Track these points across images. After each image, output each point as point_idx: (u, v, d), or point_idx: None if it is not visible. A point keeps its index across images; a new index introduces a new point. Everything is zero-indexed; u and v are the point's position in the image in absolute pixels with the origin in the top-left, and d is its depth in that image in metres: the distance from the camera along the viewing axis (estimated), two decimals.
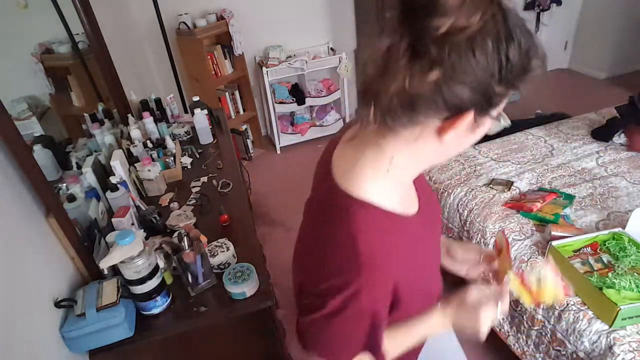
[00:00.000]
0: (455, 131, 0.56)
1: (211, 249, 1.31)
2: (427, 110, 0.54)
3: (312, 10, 3.63)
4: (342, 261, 0.63)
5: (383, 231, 0.64)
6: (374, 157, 0.64)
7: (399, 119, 0.55)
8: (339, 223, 0.63)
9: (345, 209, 0.63)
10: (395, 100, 0.53)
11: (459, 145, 0.63)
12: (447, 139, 0.57)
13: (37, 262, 1.07)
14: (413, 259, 0.68)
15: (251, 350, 1.30)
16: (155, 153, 1.87)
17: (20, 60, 1.58)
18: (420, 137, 0.59)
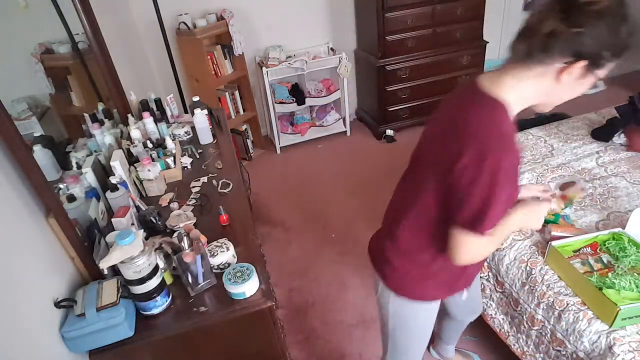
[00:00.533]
0: (570, 74, 0.82)
1: (211, 249, 1.31)
2: (559, 51, 0.80)
3: (312, 10, 3.63)
4: (487, 139, 0.85)
5: (511, 128, 0.88)
6: (510, 81, 0.89)
7: (538, 54, 0.82)
8: (486, 111, 0.88)
9: (492, 104, 0.88)
10: (542, 40, 0.80)
11: (569, 89, 0.88)
12: (563, 79, 0.83)
13: (37, 262, 1.07)
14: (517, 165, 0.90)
15: (251, 350, 1.30)
16: (155, 153, 1.87)
17: (20, 60, 1.58)
18: (544, 74, 0.85)
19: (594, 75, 0.84)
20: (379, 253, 1.20)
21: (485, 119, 0.87)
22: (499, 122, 0.87)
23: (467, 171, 0.85)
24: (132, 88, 2.30)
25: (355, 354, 1.98)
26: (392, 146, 3.72)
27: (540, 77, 0.86)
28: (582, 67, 0.82)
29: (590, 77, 0.84)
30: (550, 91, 0.88)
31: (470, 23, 3.50)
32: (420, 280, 1.13)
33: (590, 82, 0.86)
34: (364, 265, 2.44)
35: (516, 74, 0.88)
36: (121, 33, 2.82)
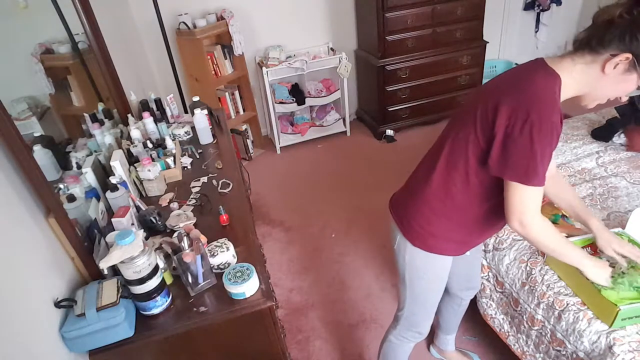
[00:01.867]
0: (614, 66, 0.88)
1: (211, 249, 1.31)
2: (610, 41, 0.86)
3: (312, 10, 3.63)
4: (541, 98, 0.93)
5: (559, 101, 0.96)
6: (567, 63, 0.97)
7: (594, 43, 0.90)
8: (546, 78, 0.96)
9: (553, 75, 0.96)
10: (600, 28, 0.88)
11: (612, 84, 0.92)
12: (607, 69, 0.89)
13: (37, 262, 1.07)
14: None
15: (251, 350, 1.30)
16: (155, 153, 1.87)
17: (20, 60, 1.58)
18: (594, 62, 0.92)
19: (638, 73, 0.87)
20: (400, 205, 1.28)
21: (543, 83, 0.95)
22: (553, 91, 0.94)
23: (518, 122, 0.92)
24: (132, 88, 2.30)
25: (355, 354, 1.98)
26: (392, 146, 3.72)
27: (590, 64, 0.93)
28: (627, 61, 0.85)
29: (634, 75, 0.87)
30: (595, 82, 0.94)
31: (470, 23, 3.50)
32: (438, 237, 1.20)
33: (635, 81, 0.88)
34: (364, 265, 2.44)
35: (574, 58, 0.96)
36: (121, 33, 2.82)
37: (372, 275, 2.37)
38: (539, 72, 0.98)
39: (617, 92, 0.95)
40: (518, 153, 0.94)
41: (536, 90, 0.95)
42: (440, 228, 1.19)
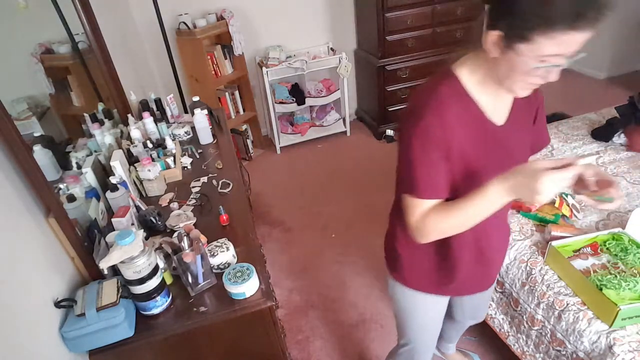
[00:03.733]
0: (489, 45, 0.78)
1: (211, 249, 1.31)
2: (486, 19, 0.79)
3: (312, 10, 3.63)
4: (417, 104, 0.88)
5: (455, 103, 0.87)
6: (470, 55, 0.89)
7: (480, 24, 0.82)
8: (428, 83, 0.91)
9: (440, 76, 0.90)
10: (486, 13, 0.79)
11: (504, 65, 0.79)
12: (488, 48, 0.79)
13: (37, 262, 1.07)
14: (478, 148, 0.90)
15: (251, 350, 1.30)
16: (155, 153, 1.87)
17: (20, 60, 1.58)
18: (482, 44, 0.81)
19: (516, 50, 0.74)
20: (385, 241, 1.25)
21: (423, 89, 0.90)
22: (434, 94, 0.86)
23: (398, 135, 0.92)
24: (132, 88, 2.30)
25: (355, 354, 1.98)
26: (392, 146, 3.72)
27: (480, 47, 0.82)
28: (499, 37, 0.75)
29: (517, 56, 0.74)
30: (490, 65, 0.83)
31: (470, 23, 3.49)
32: (409, 267, 1.15)
33: (526, 63, 0.74)
34: (364, 265, 2.44)
35: (476, 54, 0.88)
36: (121, 33, 2.82)
37: (372, 275, 2.37)
38: (434, 77, 0.91)
39: (513, 73, 0.79)
40: (400, 164, 0.92)
41: (415, 97, 0.90)
42: (410, 258, 1.13)
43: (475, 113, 0.90)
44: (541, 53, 0.72)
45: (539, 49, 0.71)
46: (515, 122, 0.95)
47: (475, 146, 0.90)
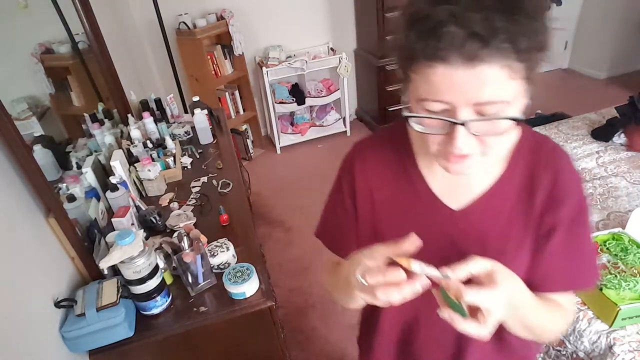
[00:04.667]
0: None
1: (211, 249, 1.31)
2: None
3: (312, 10, 3.63)
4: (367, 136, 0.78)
5: (388, 156, 0.72)
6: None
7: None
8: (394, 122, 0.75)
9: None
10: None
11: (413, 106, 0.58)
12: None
13: (37, 262, 1.07)
14: (402, 228, 0.67)
15: (251, 350, 1.30)
16: (155, 153, 1.87)
17: (20, 60, 1.58)
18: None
19: (409, 80, 0.57)
20: None
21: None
22: (377, 132, 0.78)
23: None
24: (132, 88, 2.30)
25: (355, 354, 1.97)
26: None
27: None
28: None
29: (408, 85, 0.57)
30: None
31: None
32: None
33: (413, 107, 0.58)
34: None
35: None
36: (121, 33, 2.82)
37: None
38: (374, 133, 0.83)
39: (421, 139, 0.60)
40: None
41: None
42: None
43: (412, 180, 0.70)
44: (418, 95, 0.54)
45: (413, 88, 0.55)
46: (491, 215, 0.67)
47: (400, 224, 0.71)
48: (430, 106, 0.53)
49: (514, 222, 0.67)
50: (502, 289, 0.55)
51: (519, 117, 0.53)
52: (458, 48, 0.48)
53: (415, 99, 0.55)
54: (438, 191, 0.69)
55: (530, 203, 0.66)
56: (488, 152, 0.56)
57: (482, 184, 0.68)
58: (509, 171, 0.67)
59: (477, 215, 0.68)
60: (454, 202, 0.69)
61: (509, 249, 0.67)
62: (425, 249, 0.64)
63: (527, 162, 0.67)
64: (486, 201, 0.68)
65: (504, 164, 0.67)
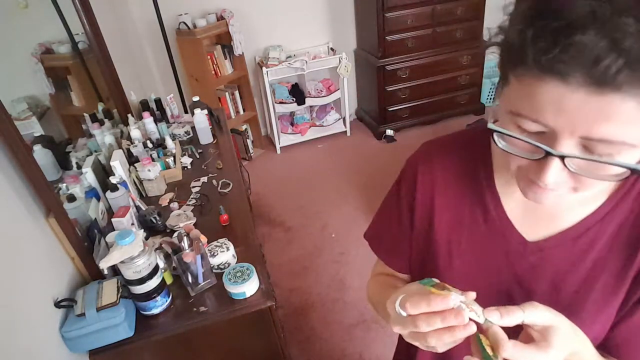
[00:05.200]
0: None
1: (211, 249, 1.31)
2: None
3: (312, 10, 3.63)
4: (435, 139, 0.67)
5: (460, 167, 0.62)
6: None
7: None
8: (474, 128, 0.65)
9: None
10: None
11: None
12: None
13: (37, 262, 1.07)
14: (465, 249, 0.61)
15: (251, 350, 1.30)
16: (155, 153, 1.87)
17: (20, 60, 1.58)
18: None
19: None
20: None
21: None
22: (451, 135, 0.68)
23: None
24: (132, 88, 2.30)
25: (355, 354, 1.97)
26: (392, 146, 3.72)
27: None
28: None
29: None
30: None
31: (470, 23, 3.50)
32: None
33: (502, 117, 0.47)
34: (364, 265, 2.44)
35: None
36: (121, 33, 2.82)
37: None
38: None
39: (506, 158, 0.50)
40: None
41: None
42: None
43: (484, 197, 0.60)
44: (512, 106, 0.43)
45: (509, 96, 0.44)
46: (574, 255, 0.56)
47: (458, 245, 0.62)
48: (524, 124, 0.42)
49: (603, 271, 0.54)
50: (555, 354, 0.44)
51: (638, 168, 0.39)
52: (588, 66, 0.35)
53: (508, 109, 0.44)
54: (513, 215, 0.58)
55: (630, 255, 0.53)
56: (580, 191, 0.45)
57: (572, 216, 0.55)
58: (610, 206, 0.53)
59: (556, 252, 0.56)
60: (530, 232, 0.57)
61: (588, 301, 0.54)
62: (483, 281, 0.58)
63: (638, 203, 0.53)
64: (571, 237, 0.55)
65: (605, 196, 0.54)
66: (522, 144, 0.44)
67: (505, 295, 0.52)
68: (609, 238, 0.54)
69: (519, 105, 0.42)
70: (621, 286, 0.53)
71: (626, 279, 0.53)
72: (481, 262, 0.57)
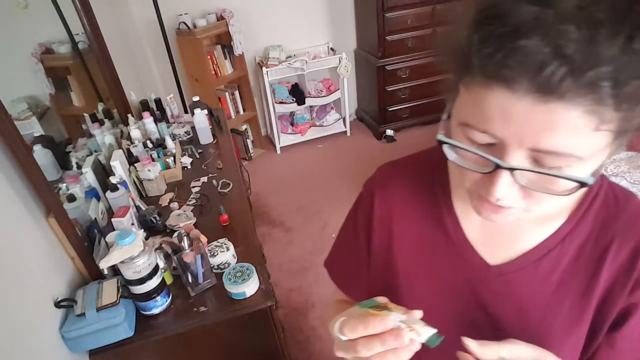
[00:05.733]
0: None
1: (211, 249, 1.31)
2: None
3: (312, 10, 3.63)
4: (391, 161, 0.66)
5: (416, 187, 0.60)
6: None
7: None
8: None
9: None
10: None
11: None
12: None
13: (37, 262, 1.07)
14: (424, 270, 0.59)
15: (251, 350, 1.30)
16: (155, 153, 1.87)
17: (20, 60, 1.58)
18: None
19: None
20: None
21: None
22: (407, 157, 0.66)
23: None
24: (132, 88, 2.30)
25: None
26: (392, 146, 3.72)
27: None
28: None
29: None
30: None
31: None
32: None
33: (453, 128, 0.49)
34: None
35: None
36: (121, 33, 2.82)
37: None
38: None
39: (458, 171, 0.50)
40: None
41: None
42: None
43: (443, 219, 0.58)
44: (461, 117, 0.43)
45: (459, 107, 0.44)
46: (536, 278, 0.54)
47: (417, 270, 0.59)
48: (474, 135, 0.41)
49: (568, 294, 0.52)
50: None
51: (587, 181, 0.38)
52: (533, 72, 0.34)
53: (457, 120, 0.43)
54: (473, 237, 0.56)
55: (593, 274, 0.51)
56: (533, 209, 0.44)
57: (531, 237, 0.53)
58: (570, 226, 0.52)
59: (518, 276, 0.54)
60: (491, 255, 0.55)
61: (555, 326, 0.52)
62: (447, 308, 0.55)
63: (598, 220, 0.52)
64: (533, 260, 0.53)
65: (565, 215, 0.53)
66: (473, 157, 0.42)
67: (471, 323, 0.49)
68: (571, 259, 0.52)
69: (468, 115, 0.41)
70: (587, 308, 0.52)
71: (591, 301, 0.51)
72: (444, 288, 0.55)
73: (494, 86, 0.37)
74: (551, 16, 0.33)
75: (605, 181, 0.54)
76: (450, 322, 0.46)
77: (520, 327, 0.47)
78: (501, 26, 0.35)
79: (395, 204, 0.61)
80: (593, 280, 0.51)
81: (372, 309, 0.47)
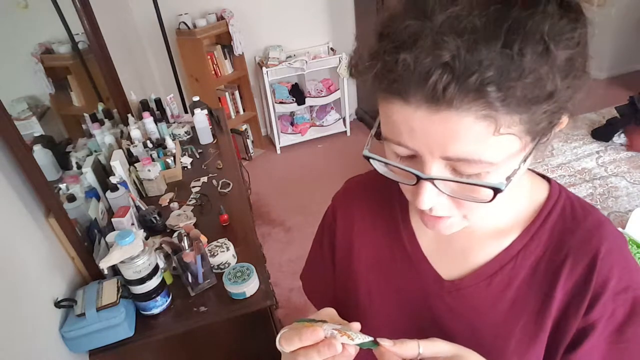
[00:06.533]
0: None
1: (211, 249, 1.31)
2: None
3: (312, 10, 3.63)
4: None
5: (367, 204, 0.62)
6: None
7: None
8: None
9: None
10: None
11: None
12: None
13: (37, 262, 1.07)
14: (382, 284, 0.59)
15: (251, 349, 1.30)
16: (155, 153, 1.87)
17: (20, 60, 1.58)
18: None
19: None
20: None
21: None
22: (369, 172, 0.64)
23: None
24: (132, 88, 2.30)
25: None
26: None
27: None
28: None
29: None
30: None
31: None
32: None
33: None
34: None
35: None
36: (121, 33, 2.82)
37: None
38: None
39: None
40: None
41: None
42: None
43: (400, 233, 0.58)
44: (382, 130, 0.46)
45: (380, 121, 0.46)
46: (490, 294, 0.52)
47: (375, 285, 0.59)
48: (396, 149, 0.42)
49: (523, 312, 0.50)
50: None
51: (499, 186, 0.38)
52: (420, 83, 0.34)
53: (382, 134, 0.45)
54: (429, 251, 0.56)
55: (547, 293, 0.49)
56: (472, 217, 0.45)
57: (484, 252, 0.52)
58: (525, 241, 0.51)
59: (471, 292, 0.52)
60: (446, 269, 0.54)
61: (509, 346, 0.50)
62: (404, 322, 0.55)
63: (554, 234, 0.50)
64: (486, 276, 0.52)
65: (519, 229, 0.51)
66: (398, 170, 0.43)
67: (425, 338, 0.46)
68: (526, 276, 0.50)
69: (385, 129, 0.43)
70: (541, 328, 0.49)
71: (546, 321, 0.49)
72: (401, 302, 0.54)
73: (393, 100, 0.38)
74: (429, 28, 0.34)
75: (564, 193, 0.52)
76: (405, 337, 0.45)
77: (473, 346, 0.45)
78: (388, 43, 0.37)
79: (356, 218, 0.62)
80: (547, 299, 0.49)
81: (308, 323, 0.48)
